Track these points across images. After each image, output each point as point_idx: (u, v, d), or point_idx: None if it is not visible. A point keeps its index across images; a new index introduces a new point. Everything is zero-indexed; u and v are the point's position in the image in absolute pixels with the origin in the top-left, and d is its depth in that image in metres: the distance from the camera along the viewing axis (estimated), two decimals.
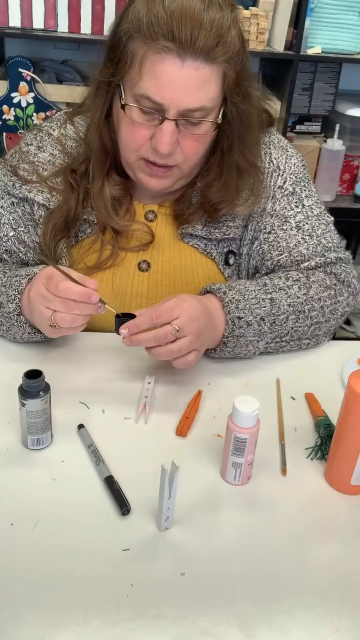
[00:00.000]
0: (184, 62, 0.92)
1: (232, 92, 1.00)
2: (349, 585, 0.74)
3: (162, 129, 0.97)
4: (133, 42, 0.95)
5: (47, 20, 2.06)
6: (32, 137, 1.16)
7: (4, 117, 2.16)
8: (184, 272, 1.14)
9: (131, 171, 1.08)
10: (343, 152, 2.34)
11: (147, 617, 0.68)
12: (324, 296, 1.12)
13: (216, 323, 1.01)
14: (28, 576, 0.71)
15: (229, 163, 1.08)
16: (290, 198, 1.15)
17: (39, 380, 0.83)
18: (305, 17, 2.09)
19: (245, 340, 1.04)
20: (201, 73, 0.94)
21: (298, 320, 1.08)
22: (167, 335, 0.92)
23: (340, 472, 0.85)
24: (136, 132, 1.00)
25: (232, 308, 1.02)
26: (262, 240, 1.15)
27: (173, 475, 0.72)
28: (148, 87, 0.95)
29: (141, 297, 1.14)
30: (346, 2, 2.13)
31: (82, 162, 1.11)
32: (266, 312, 1.04)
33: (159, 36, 0.91)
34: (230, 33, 0.94)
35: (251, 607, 0.70)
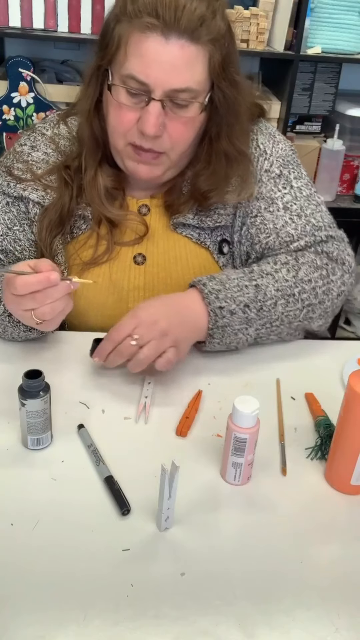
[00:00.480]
0: (167, 40, 0.93)
1: (218, 76, 1.00)
2: (349, 585, 0.74)
3: (148, 110, 0.98)
4: (120, 25, 0.96)
5: (47, 20, 2.06)
6: (25, 137, 1.17)
7: (4, 117, 2.16)
8: (179, 263, 1.15)
9: (120, 159, 1.09)
10: (343, 152, 2.34)
11: (147, 617, 0.68)
12: (315, 277, 1.09)
13: (196, 314, 1.01)
14: (28, 576, 0.71)
15: (217, 151, 1.08)
16: (277, 180, 1.15)
17: (39, 380, 0.83)
18: (305, 17, 2.09)
19: (233, 330, 1.03)
20: (186, 52, 0.94)
21: (288, 304, 1.07)
22: (128, 347, 0.94)
23: (340, 472, 0.85)
24: (123, 115, 1.01)
25: (212, 299, 1.01)
26: (250, 225, 1.15)
27: (173, 475, 0.72)
28: (133, 67, 0.96)
29: (138, 290, 1.15)
30: (346, 2, 2.13)
31: (75, 157, 1.12)
32: (250, 298, 1.03)
33: (143, 14, 0.93)
34: (216, 17, 0.96)
35: (251, 607, 0.70)
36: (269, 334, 1.09)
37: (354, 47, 2.20)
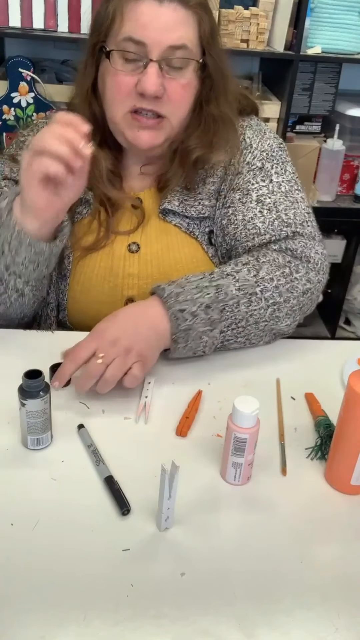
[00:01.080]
0: (161, 3, 1.00)
1: (208, 43, 1.06)
2: (349, 585, 0.74)
3: (146, 71, 1.02)
4: (112, 1, 1.03)
5: (47, 20, 2.06)
6: (28, 130, 1.24)
7: (4, 117, 2.16)
8: (171, 252, 1.18)
9: (120, 132, 1.11)
10: (343, 152, 2.34)
11: (147, 617, 0.68)
12: (277, 275, 1.07)
13: (157, 321, 0.99)
14: (28, 576, 0.71)
15: (206, 114, 1.12)
16: (256, 172, 1.16)
17: (39, 380, 0.83)
18: (305, 17, 2.09)
19: (197, 333, 1.01)
20: (178, 14, 1.02)
21: (251, 303, 1.04)
22: (96, 367, 0.92)
23: (340, 472, 0.85)
24: (121, 81, 1.04)
25: (172, 302, 0.99)
26: (222, 216, 1.16)
27: (173, 475, 0.72)
28: (130, 29, 1.01)
29: (132, 278, 1.17)
30: (346, 2, 2.13)
31: None
32: (211, 299, 1.01)
33: None
34: None
35: (251, 607, 0.70)
36: (236, 336, 1.06)
37: (354, 47, 2.20)
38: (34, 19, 2.06)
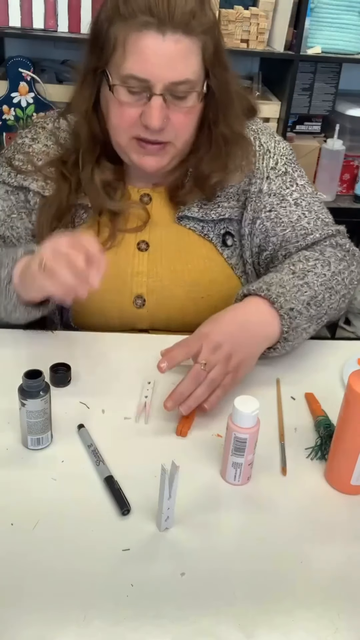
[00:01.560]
0: (164, 35, 0.96)
1: (212, 64, 1.04)
2: (349, 585, 0.74)
3: (150, 105, 1.00)
4: (114, 26, 0.98)
5: (47, 20, 2.06)
6: (26, 130, 1.21)
7: (4, 117, 2.16)
8: (183, 252, 1.17)
9: (125, 155, 1.10)
10: (343, 152, 2.34)
11: (147, 617, 0.68)
12: (341, 268, 1.14)
13: (265, 323, 1.01)
14: (28, 576, 0.71)
15: (216, 136, 1.11)
16: (284, 178, 1.18)
17: (39, 380, 0.83)
18: (305, 17, 2.09)
19: (301, 330, 1.05)
20: (182, 46, 0.98)
21: (331, 297, 1.10)
22: (200, 372, 0.93)
23: (340, 472, 0.85)
24: (125, 113, 1.03)
25: (282, 301, 1.01)
26: (264, 219, 1.18)
27: (173, 475, 0.72)
28: (132, 66, 0.98)
29: (141, 276, 1.17)
30: (346, 2, 2.13)
31: (72, 153, 1.13)
32: (309, 296, 1.06)
33: (137, 13, 0.95)
34: (204, 7, 1.00)
35: (251, 607, 0.70)
36: (315, 330, 1.11)
37: (354, 47, 2.20)
38: (34, 19, 2.06)
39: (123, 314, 1.18)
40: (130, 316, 1.18)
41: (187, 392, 0.93)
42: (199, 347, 0.94)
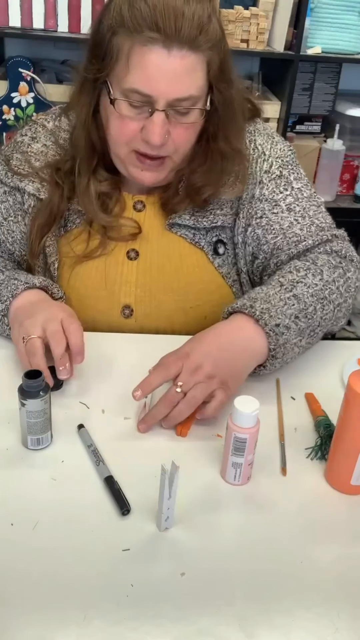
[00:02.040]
0: (170, 51, 0.93)
1: (217, 79, 1.01)
2: (349, 585, 0.74)
3: (152, 120, 0.98)
4: (117, 37, 0.96)
5: (47, 20, 2.06)
6: (27, 128, 1.19)
7: (4, 117, 2.16)
8: (173, 261, 1.15)
9: (122, 166, 1.09)
10: (343, 152, 2.34)
11: (147, 617, 0.68)
12: (336, 277, 1.10)
13: (251, 340, 0.97)
14: (28, 576, 0.71)
15: (213, 150, 1.09)
16: (278, 181, 1.15)
17: (39, 380, 0.83)
18: (305, 17, 2.09)
19: (291, 345, 1.00)
20: (187, 62, 0.95)
21: (324, 307, 1.06)
22: (174, 395, 0.90)
23: (340, 472, 0.85)
24: (126, 126, 1.01)
25: (267, 318, 0.97)
26: (255, 226, 1.15)
27: (173, 475, 0.72)
28: (136, 80, 0.96)
29: (130, 285, 1.15)
30: (346, 2, 2.13)
31: (67, 160, 1.12)
32: (297, 309, 1.01)
33: (143, 28, 0.92)
34: (212, 21, 0.96)
35: (251, 607, 0.70)
36: (310, 343, 1.06)
37: (354, 47, 2.20)
38: (34, 19, 2.06)
39: (111, 324, 1.16)
40: (118, 326, 1.17)
41: (159, 417, 0.91)
42: (178, 369, 0.91)
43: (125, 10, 0.94)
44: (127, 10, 0.93)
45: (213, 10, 0.97)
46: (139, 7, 0.92)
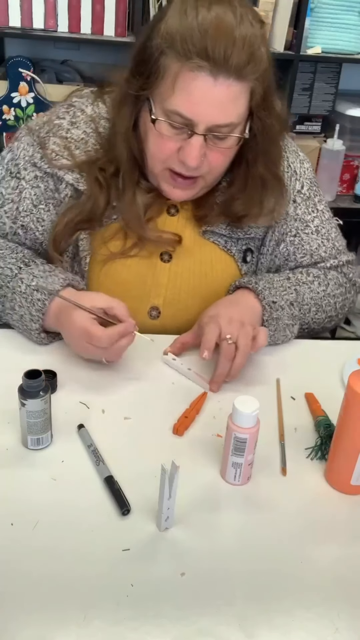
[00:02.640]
0: (216, 79, 0.93)
1: (258, 107, 1.01)
2: (349, 585, 0.74)
3: (190, 143, 0.98)
4: (165, 57, 0.94)
5: (47, 20, 2.06)
6: (64, 110, 1.13)
7: (4, 117, 2.16)
8: (204, 266, 1.16)
9: (155, 180, 1.09)
10: (343, 152, 2.34)
11: (147, 617, 0.68)
12: (337, 293, 1.21)
13: (253, 308, 1.08)
14: (28, 576, 0.71)
15: (253, 175, 1.09)
16: (307, 203, 1.20)
17: (39, 380, 0.83)
18: (305, 17, 2.09)
19: (283, 324, 1.11)
20: (232, 91, 0.95)
21: (317, 313, 1.18)
22: (229, 348, 0.99)
23: (340, 472, 0.85)
24: (164, 145, 1.01)
25: (266, 294, 1.09)
26: (289, 243, 1.20)
27: (173, 475, 0.72)
28: (180, 104, 0.95)
29: (160, 287, 1.15)
30: (346, 2, 2.13)
31: (111, 162, 1.09)
32: (293, 298, 1.13)
33: (193, 54, 0.91)
34: (260, 50, 0.95)
35: (251, 607, 0.70)
36: (299, 332, 1.16)
37: (354, 47, 2.20)
38: (34, 19, 2.06)
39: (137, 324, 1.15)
40: (142, 327, 1.13)
41: (226, 372, 1.00)
42: (217, 335, 0.99)
43: (175, 32, 0.92)
44: (178, 32, 0.92)
45: (262, 37, 0.96)
46: (190, 31, 0.91)
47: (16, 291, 1.05)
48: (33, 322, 1.03)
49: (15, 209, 1.14)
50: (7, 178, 1.14)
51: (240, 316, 1.03)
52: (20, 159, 1.13)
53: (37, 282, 1.03)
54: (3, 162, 1.15)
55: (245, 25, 0.93)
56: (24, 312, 1.04)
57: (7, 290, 1.06)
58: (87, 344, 0.97)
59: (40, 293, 1.03)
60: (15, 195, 1.13)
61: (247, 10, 0.95)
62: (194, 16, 0.91)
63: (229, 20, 0.91)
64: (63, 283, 1.03)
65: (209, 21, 0.91)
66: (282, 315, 1.10)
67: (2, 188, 1.14)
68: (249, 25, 0.93)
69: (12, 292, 1.05)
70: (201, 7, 0.92)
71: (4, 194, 1.14)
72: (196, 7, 0.92)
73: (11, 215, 1.14)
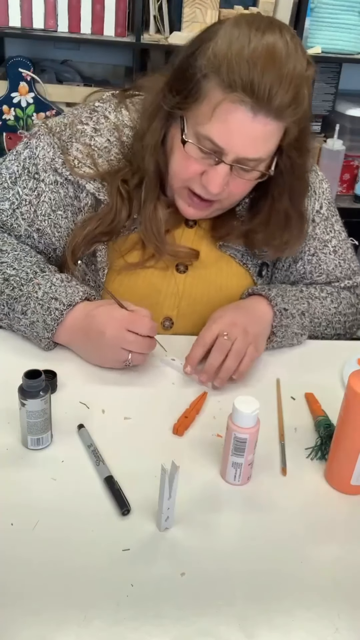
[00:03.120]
0: (255, 116, 0.92)
1: (290, 146, 1.00)
2: (349, 585, 0.74)
3: (216, 170, 0.97)
4: (207, 81, 0.92)
5: (47, 20, 2.06)
6: (87, 116, 1.10)
7: (4, 117, 2.16)
8: (219, 278, 1.16)
9: (172, 194, 1.08)
10: (343, 152, 2.34)
11: (147, 617, 0.68)
12: (349, 313, 1.22)
13: (264, 314, 1.08)
14: (28, 576, 0.71)
15: (278, 210, 1.09)
16: (326, 222, 1.20)
17: (39, 380, 0.83)
18: (305, 17, 2.10)
19: (291, 332, 1.11)
20: (268, 129, 0.94)
21: (327, 328, 1.19)
22: (224, 343, 0.99)
23: (340, 472, 0.85)
24: (189, 166, 1.00)
25: (278, 301, 1.10)
26: (306, 262, 1.21)
27: (173, 475, 0.72)
28: (214, 132, 0.94)
29: (175, 297, 1.14)
30: (346, 2, 2.13)
31: (135, 173, 1.07)
32: (305, 308, 1.14)
33: (238, 87, 0.89)
34: (304, 91, 0.94)
35: (251, 607, 0.70)
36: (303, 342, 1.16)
37: (354, 47, 2.20)
38: (34, 19, 2.06)
39: None
40: None
41: (216, 364, 0.99)
42: (217, 330, 1.01)
43: (223, 58, 0.90)
44: (226, 60, 0.89)
45: (308, 78, 0.95)
46: (238, 62, 0.89)
47: (32, 296, 1.02)
48: (46, 330, 1.01)
49: (33, 212, 1.11)
50: (25, 177, 1.10)
51: (245, 323, 1.03)
52: (39, 159, 1.09)
53: (56, 290, 1.01)
54: (19, 158, 1.11)
55: (294, 62, 0.91)
56: (37, 318, 1.01)
57: (19, 293, 1.03)
58: (122, 337, 0.96)
59: (59, 303, 1.01)
60: (34, 198, 1.10)
61: (297, 46, 0.93)
62: (245, 44, 0.89)
63: (279, 55, 0.89)
64: (82, 296, 1.02)
65: (258, 53, 0.88)
66: (292, 324, 1.11)
67: (18, 187, 1.11)
68: (297, 63, 0.91)
69: (26, 297, 1.02)
70: (254, 36, 0.90)
71: (21, 194, 1.11)
72: (248, 35, 0.90)
73: (28, 218, 1.11)
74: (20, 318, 1.03)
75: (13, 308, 1.03)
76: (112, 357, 1.00)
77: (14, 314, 1.04)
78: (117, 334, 0.97)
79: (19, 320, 1.03)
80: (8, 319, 1.05)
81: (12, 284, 1.04)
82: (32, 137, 1.11)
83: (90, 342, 1.00)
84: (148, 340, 0.98)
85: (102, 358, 1.01)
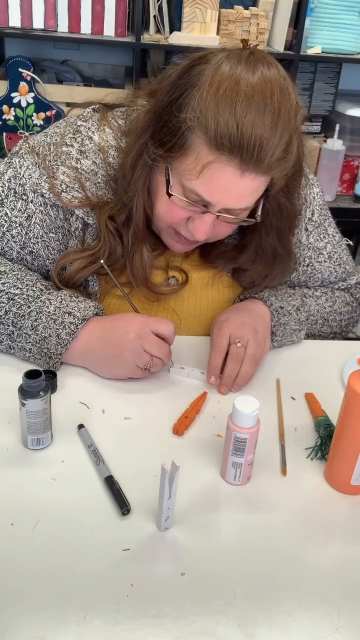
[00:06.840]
0: (243, 174, 0.89)
1: (278, 192, 1.00)
2: (349, 585, 0.74)
3: (202, 218, 0.96)
4: (193, 135, 0.89)
5: (47, 20, 2.06)
6: (71, 137, 1.06)
7: (4, 117, 2.16)
8: (211, 290, 1.16)
9: (158, 232, 1.08)
10: (343, 152, 2.34)
11: (147, 617, 0.68)
12: (344, 311, 1.24)
13: (262, 314, 1.09)
14: (28, 576, 0.71)
15: (264, 247, 1.09)
16: (319, 229, 1.20)
17: (39, 380, 0.83)
18: (305, 17, 2.10)
19: (290, 329, 1.12)
20: (255, 183, 0.92)
21: (323, 326, 1.21)
22: (238, 351, 1.01)
23: (340, 472, 0.85)
24: (175, 213, 0.98)
25: (273, 300, 1.11)
26: (301, 272, 1.22)
27: (173, 475, 0.72)
28: (202, 189, 0.92)
29: (166, 312, 1.14)
30: (346, 2, 2.13)
31: (120, 209, 1.04)
32: (299, 304, 1.15)
33: (225, 149, 0.87)
34: (293, 145, 0.92)
35: (251, 607, 0.70)
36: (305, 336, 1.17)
37: (354, 47, 2.20)
38: (34, 19, 2.06)
39: None
40: None
41: (234, 375, 1.01)
42: (228, 333, 1.02)
43: (210, 117, 0.86)
44: (213, 120, 0.86)
45: (297, 129, 0.92)
46: (225, 122, 0.85)
47: (42, 311, 0.99)
48: (60, 345, 0.98)
49: (25, 235, 1.06)
50: (12, 198, 1.06)
51: (253, 322, 1.05)
52: (25, 179, 1.05)
53: (68, 305, 0.99)
54: (2, 178, 1.07)
55: (285, 113, 0.88)
56: (50, 333, 0.98)
57: (27, 310, 0.99)
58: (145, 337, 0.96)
59: (73, 317, 0.98)
60: (24, 220, 1.06)
61: (286, 91, 0.89)
62: (233, 97, 0.85)
63: (267, 120, 0.86)
64: (94, 311, 1.01)
65: (247, 119, 0.85)
66: (290, 321, 1.12)
67: (6, 209, 1.06)
68: (286, 119, 0.88)
69: (37, 312, 0.99)
70: (243, 84, 0.85)
71: (10, 216, 1.06)
72: (237, 84, 0.85)
73: (19, 241, 1.07)
74: (30, 334, 0.99)
75: (20, 326, 0.99)
76: (133, 359, 0.97)
77: (20, 332, 0.99)
78: (141, 332, 0.97)
79: (26, 338, 0.99)
80: (10, 340, 1.01)
81: (19, 302, 1.00)
82: (14, 156, 1.07)
83: (111, 348, 0.98)
84: (168, 346, 0.99)
85: (121, 366, 0.98)
